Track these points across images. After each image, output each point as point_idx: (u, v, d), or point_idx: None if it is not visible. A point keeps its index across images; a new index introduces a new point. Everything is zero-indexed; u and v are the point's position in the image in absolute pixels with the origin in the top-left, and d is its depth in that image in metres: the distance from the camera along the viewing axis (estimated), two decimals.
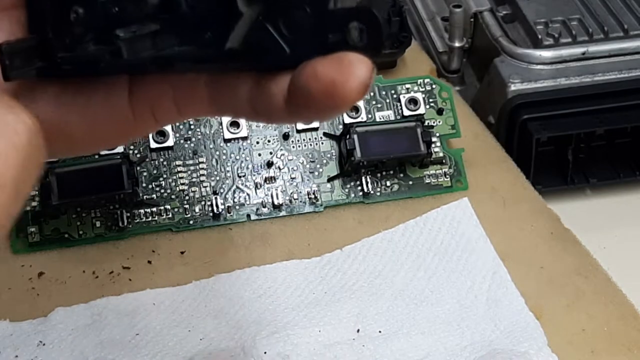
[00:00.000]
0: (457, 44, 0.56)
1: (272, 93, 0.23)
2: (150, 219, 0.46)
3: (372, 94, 0.49)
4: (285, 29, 0.23)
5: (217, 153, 0.47)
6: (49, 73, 0.24)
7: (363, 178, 0.48)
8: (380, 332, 0.40)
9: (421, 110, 0.48)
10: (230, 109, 0.25)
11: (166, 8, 0.23)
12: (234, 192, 0.47)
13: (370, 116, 0.48)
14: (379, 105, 0.48)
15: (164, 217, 0.46)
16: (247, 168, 0.47)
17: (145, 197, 0.46)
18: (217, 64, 0.24)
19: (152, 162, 0.46)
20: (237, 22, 0.22)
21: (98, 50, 0.23)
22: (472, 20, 0.55)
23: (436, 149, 0.48)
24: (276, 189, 0.47)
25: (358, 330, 0.40)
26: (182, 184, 0.46)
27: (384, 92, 0.49)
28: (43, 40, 0.23)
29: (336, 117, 0.48)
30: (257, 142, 0.48)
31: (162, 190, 0.46)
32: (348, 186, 0.48)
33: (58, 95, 0.24)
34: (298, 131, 0.48)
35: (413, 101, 0.49)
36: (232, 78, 0.24)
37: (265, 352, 0.39)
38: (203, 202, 0.46)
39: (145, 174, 0.46)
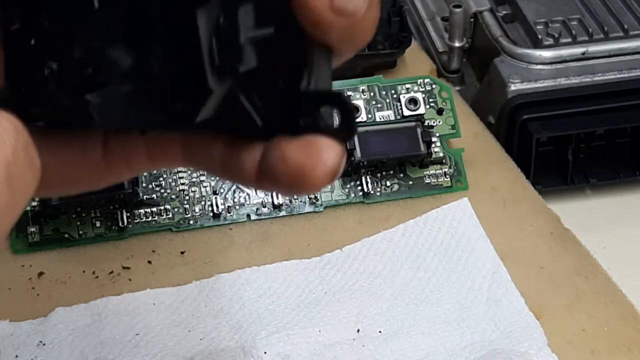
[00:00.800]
0: (457, 44, 0.56)
1: (243, 161, 0.23)
2: (150, 219, 0.46)
3: (372, 94, 0.49)
4: (257, 103, 0.22)
5: None
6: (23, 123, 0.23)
7: (363, 178, 0.48)
8: (380, 332, 0.40)
9: (421, 110, 0.48)
10: (203, 167, 0.25)
11: (139, 72, 0.22)
12: (234, 191, 0.47)
13: (370, 116, 0.48)
14: (379, 105, 0.48)
15: (164, 217, 0.46)
16: None
17: (145, 197, 0.46)
18: (189, 131, 0.24)
19: None
20: (208, 98, 0.22)
21: (70, 108, 0.22)
22: (472, 20, 0.55)
23: (436, 149, 0.48)
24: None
25: (358, 330, 0.40)
26: (182, 184, 0.46)
27: (384, 92, 0.49)
28: (17, 92, 0.23)
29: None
30: None
31: (162, 190, 0.46)
32: (348, 186, 0.48)
33: (35, 139, 0.23)
34: None
35: (413, 101, 0.49)
36: (206, 140, 0.24)
37: (265, 352, 0.39)
38: (203, 202, 0.46)
39: (145, 174, 0.46)
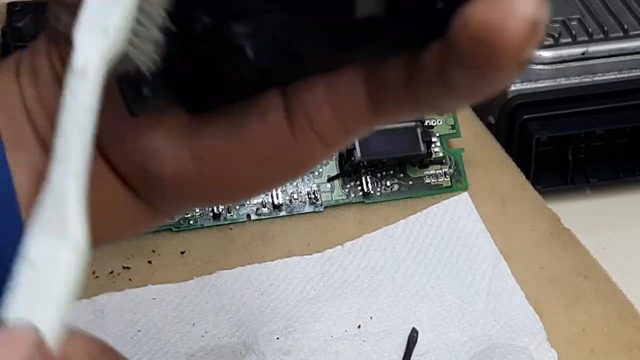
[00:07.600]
0: None
1: (421, 67, 0.19)
2: None
3: None
4: None
5: None
6: (189, 104, 0.21)
7: (363, 178, 0.48)
8: (381, 327, 0.40)
9: None
10: (390, 104, 0.21)
11: None
12: None
13: None
14: None
15: None
16: None
17: None
18: (358, 45, 0.20)
19: None
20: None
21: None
22: None
23: (436, 149, 0.48)
24: (276, 189, 0.47)
25: (359, 326, 0.40)
26: None
27: None
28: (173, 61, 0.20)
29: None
30: None
31: None
32: (348, 186, 0.48)
33: (217, 126, 0.22)
34: None
35: None
36: (383, 66, 0.21)
37: (266, 348, 0.39)
38: None
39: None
